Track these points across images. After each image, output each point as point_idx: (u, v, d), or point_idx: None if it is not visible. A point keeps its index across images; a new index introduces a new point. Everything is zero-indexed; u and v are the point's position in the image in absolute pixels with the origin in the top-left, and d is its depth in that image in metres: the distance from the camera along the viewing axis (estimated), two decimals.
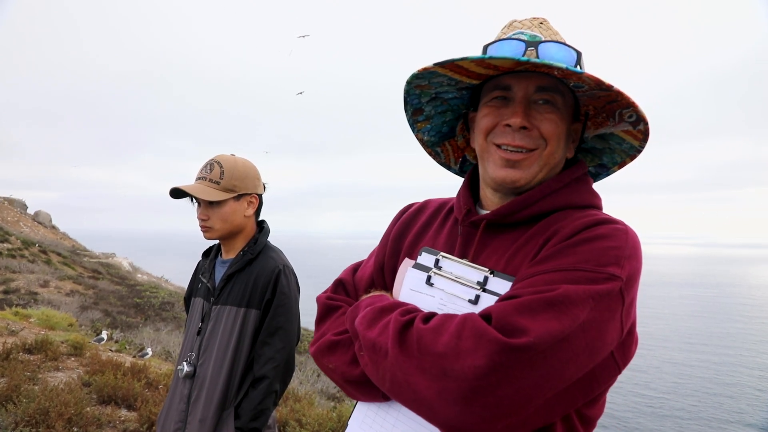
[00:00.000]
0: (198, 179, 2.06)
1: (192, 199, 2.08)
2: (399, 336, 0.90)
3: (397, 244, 1.22)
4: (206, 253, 2.29)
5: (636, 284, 0.94)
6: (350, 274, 1.25)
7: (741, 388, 22.65)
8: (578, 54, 1.01)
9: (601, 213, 1.04)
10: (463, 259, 1.06)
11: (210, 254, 2.25)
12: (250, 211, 2.11)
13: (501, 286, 0.97)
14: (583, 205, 1.06)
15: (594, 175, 1.22)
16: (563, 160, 1.10)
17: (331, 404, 7.08)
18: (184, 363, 2.03)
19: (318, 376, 9.48)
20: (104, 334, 8.91)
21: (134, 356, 7.76)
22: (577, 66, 1.00)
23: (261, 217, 2.23)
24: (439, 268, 1.06)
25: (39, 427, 4.05)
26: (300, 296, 2.14)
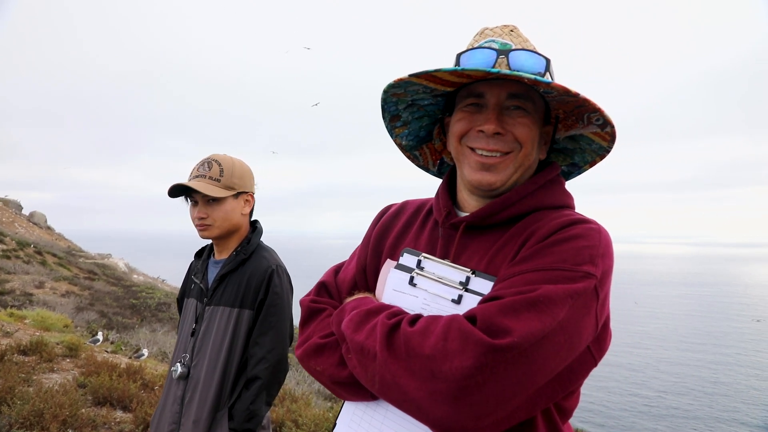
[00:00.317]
0: (196, 177, 2.01)
1: (186, 198, 2.06)
2: (386, 339, 0.93)
3: (378, 246, 1.25)
4: (198, 254, 2.27)
5: (609, 281, 0.99)
6: (332, 276, 1.27)
7: (737, 387, 22.74)
8: (547, 61, 1.07)
9: (575, 213, 1.09)
10: (444, 260, 1.09)
11: (202, 255, 2.24)
12: (247, 210, 2.12)
13: (483, 285, 1.00)
14: (558, 206, 1.11)
15: (567, 173, 1.28)
16: (536, 162, 1.15)
17: (328, 404, 7.06)
18: (178, 364, 2.02)
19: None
20: (100, 335, 8.90)
21: (130, 357, 7.74)
22: (547, 72, 1.06)
23: (255, 217, 2.22)
24: (422, 269, 1.09)
25: (33, 429, 4.03)
26: (298, 296, 2.14)
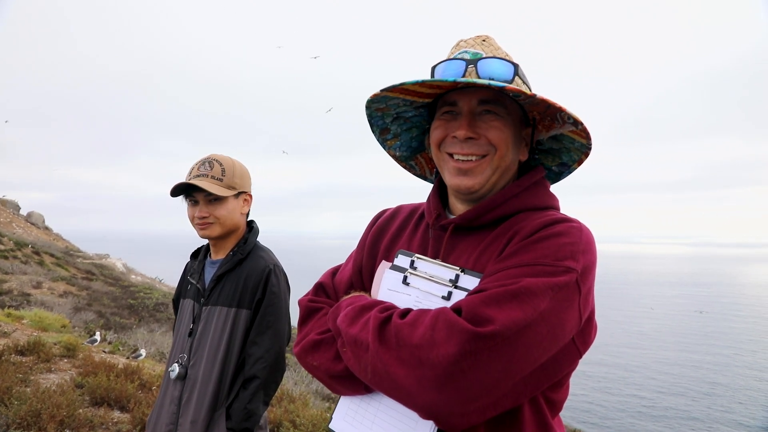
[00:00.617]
0: (198, 176, 2.01)
1: (186, 198, 2.06)
2: (378, 331, 0.98)
3: (373, 248, 1.31)
4: (194, 255, 2.27)
5: (591, 275, 1.03)
6: (330, 278, 1.33)
7: (734, 388, 22.81)
8: (515, 66, 1.12)
9: (559, 213, 1.14)
10: (435, 259, 1.14)
11: (198, 255, 2.24)
12: (246, 210, 2.13)
13: (471, 282, 1.06)
14: (542, 207, 1.15)
15: (558, 173, 1.32)
16: (515, 163, 1.19)
17: (326, 405, 7.07)
18: (175, 364, 2.02)
19: (313, 377, 9.46)
20: (97, 336, 8.88)
21: (128, 357, 7.74)
22: (516, 77, 1.12)
23: (253, 217, 2.23)
24: (415, 269, 1.14)
25: (31, 429, 4.02)
26: (296, 296, 2.14)
